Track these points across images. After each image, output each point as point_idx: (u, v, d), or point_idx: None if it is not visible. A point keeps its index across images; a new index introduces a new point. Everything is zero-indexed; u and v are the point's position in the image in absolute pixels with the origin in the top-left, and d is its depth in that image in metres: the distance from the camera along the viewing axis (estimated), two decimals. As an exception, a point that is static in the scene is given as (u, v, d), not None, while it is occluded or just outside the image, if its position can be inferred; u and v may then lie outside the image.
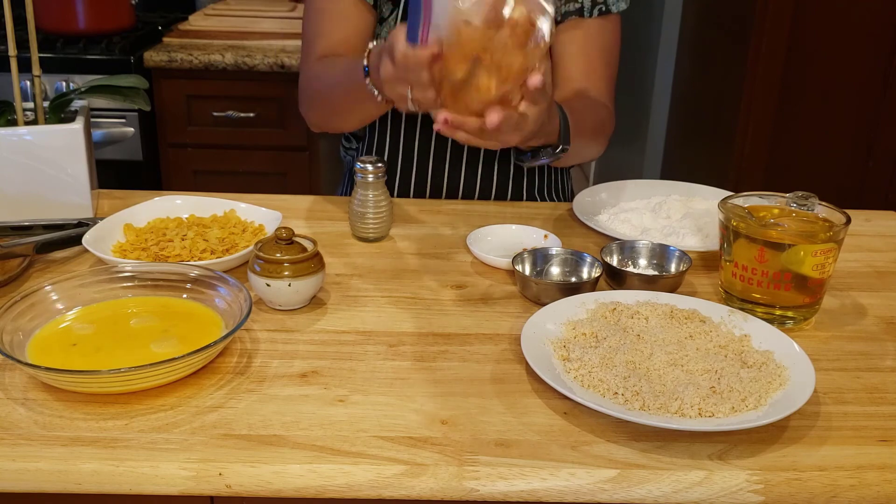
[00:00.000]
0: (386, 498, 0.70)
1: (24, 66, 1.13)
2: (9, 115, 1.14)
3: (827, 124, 2.25)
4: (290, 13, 2.39)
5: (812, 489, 0.70)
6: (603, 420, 0.76)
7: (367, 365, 0.84)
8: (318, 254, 0.94)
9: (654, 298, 0.94)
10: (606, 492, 0.70)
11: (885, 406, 0.81)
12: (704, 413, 0.76)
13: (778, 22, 2.14)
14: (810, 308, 0.95)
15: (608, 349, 0.84)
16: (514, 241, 1.12)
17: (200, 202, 1.15)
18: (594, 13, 1.26)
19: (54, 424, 0.74)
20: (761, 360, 0.83)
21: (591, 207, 1.24)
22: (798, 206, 0.96)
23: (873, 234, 1.23)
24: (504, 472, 0.70)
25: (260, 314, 0.93)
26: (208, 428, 0.74)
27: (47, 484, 0.69)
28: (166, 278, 0.92)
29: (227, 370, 0.82)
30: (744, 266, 0.94)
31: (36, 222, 1.08)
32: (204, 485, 0.69)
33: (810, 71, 2.19)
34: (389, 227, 1.15)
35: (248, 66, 2.16)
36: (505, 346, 0.89)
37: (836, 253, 0.92)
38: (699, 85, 2.69)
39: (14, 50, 1.11)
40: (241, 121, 2.24)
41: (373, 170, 1.10)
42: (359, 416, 0.76)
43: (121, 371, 0.74)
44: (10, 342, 0.79)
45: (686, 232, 1.14)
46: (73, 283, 0.89)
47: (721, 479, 0.70)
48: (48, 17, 2.19)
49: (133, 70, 2.13)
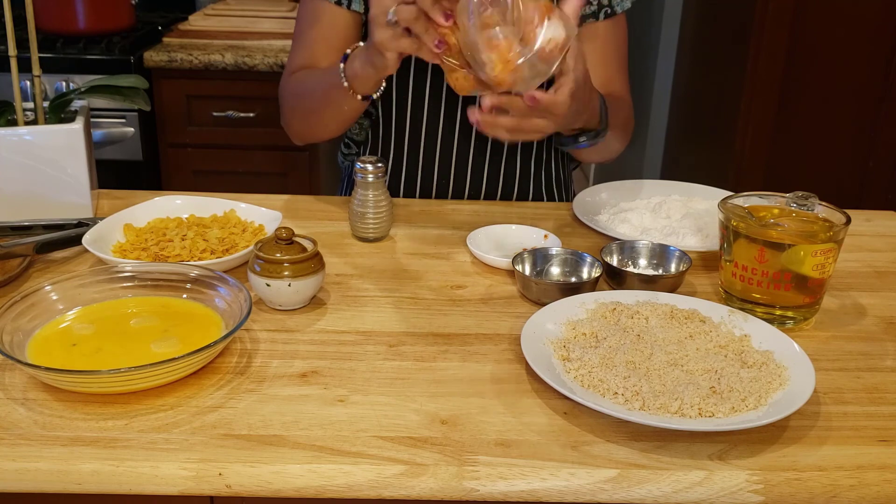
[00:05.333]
0: (386, 498, 0.70)
1: (24, 66, 1.13)
2: (9, 115, 1.14)
3: (827, 124, 2.25)
4: (290, 13, 2.39)
5: (812, 489, 0.70)
6: (603, 420, 0.76)
7: (367, 365, 0.84)
8: (318, 254, 0.94)
9: (654, 298, 0.94)
10: (606, 492, 0.70)
11: (885, 406, 0.81)
12: (704, 413, 0.75)
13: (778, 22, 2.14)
14: (810, 308, 0.95)
15: (608, 349, 0.84)
16: (514, 241, 1.12)
17: (200, 202, 1.15)
18: (601, 17, 1.27)
19: (54, 424, 0.74)
20: (761, 360, 0.83)
21: (591, 207, 1.24)
22: (798, 206, 0.96)
23: (873, 234, 1.23)
24: (504, 472, 0.70)
25: (260, 314, 0.93)
26: (208, 428, 0.74)
27: (47, 484, 0.69)
28: (166, 278, 0.92)
29: (227, 370, 0.82)
30: (744, 266, 0.94)
31: (36, 222, 1.08)
32: (204, 485, 0.69)
33: (810, 71, 2.19)
34: (389, 227, 1.15)
35: (248, 66, 2.16)
36: (505, 346, 0.89)
37: (836, 253, 0.92)
38: (699, 85, 2.69)
39: (14, 50, 1.11)
40: (241, 121, 2.24)
41: (373, 170, 1.10)
42: (359, 416, 0.76)
43: (121, 371, 0.74)
44: (10, 342, 0.79)
45: (686, 232, 1.14)
46: (73, 283, 0.89)
47: (721, 479, 0.70)
48: (48, 17, 2.18)
49: (133, 70, 2.13)
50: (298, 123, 1.26)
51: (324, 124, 1.23)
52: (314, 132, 1.27)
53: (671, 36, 2.86)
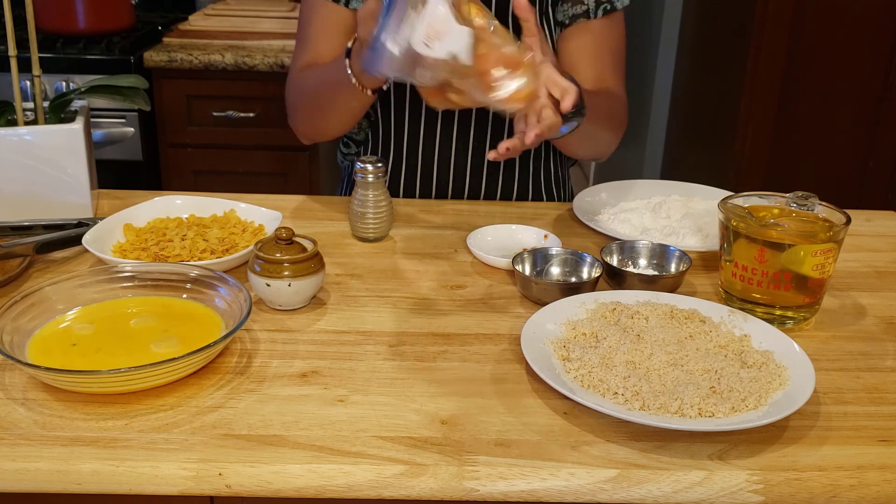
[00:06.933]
0: (386, 498, 0.70)
1: (24, 66, 1.13)
2: (9, 115, 1.14)
3: (827, 124, 2.25)
4: (290, 13, 2.39)
5: (812, 489, 0.70)
6: (603, 420, 0.76)
7: (367, 365, 0.84)
8: (318, 254, 0.94)
9: (654, 298, 0.94)
10: (606, 492, 0.70)
11: (885, 406, 0.81)
12: (704, 413, 0.75)
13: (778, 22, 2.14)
14: (810, 308, 0.95)
15: (608, 349, 0.84)
16: (514, 241, 1.12)
17: (200, 202, 1.15)
18: (599, 13, 1.26)
19: (54, 424, 0.74)
20: (761, 360, 0.83)
21: (591, 207, 1.24)
22: (798, 206, 0.96)
23: (873, 234, 1.23)
24: (504, 472, 0.70)
25: (260, 314, 0.93)
26: (208, 428, 0.74)
27: (47, 484, 0.69)
28: (166, 278, 0.92)
29: (227, 370, 0.82)
30: (744, 266, 0.94)
31: (36, 222, 1.08)
32: (204, 485, 0.69)
33: (810, 71, 2.19)
34: (389, 227, 1.15)
35: (248, 66, 2.16)
36: (505, 346, 0.89)
37: (836, 253, 0.92)
38: (699, 85, 2.69)
39: (14, 50, 1.11)
40: (241, 121, 2.24)
41: (373, 170, 1.10)
42: (359, 416, 0.76)
43: (121, 371, 0.74)
44: (10, 342, 0.79)
45: (686, 232, 1.14)
46: (73, 283, 0.89)
47: (721, 479, 0.70)
48: (48, 17, 2.18)
49: (133, 70, 2.13)
50: (306, 122, 1.26)
51: (333, 121, 1.23)
52: (323, 130, 1.27)
53: (671, 35, 2.86)
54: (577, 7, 1.26)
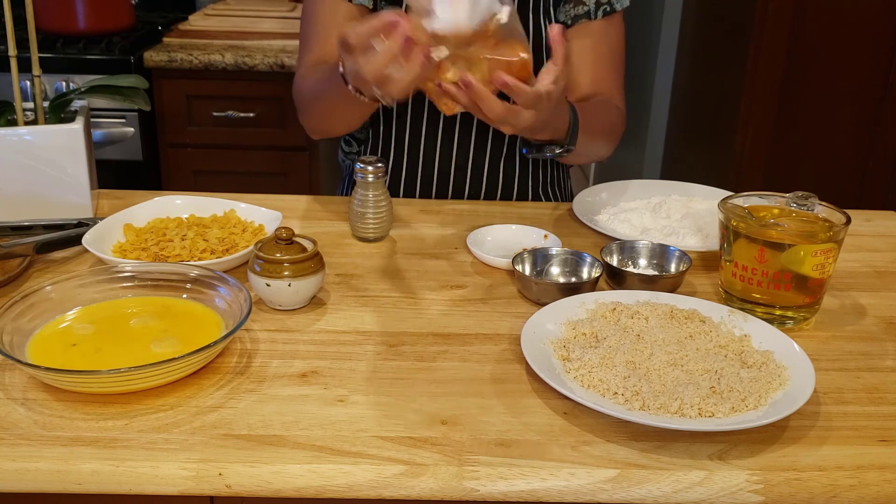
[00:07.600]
0: (386, 498, 0.70)
1: (24, 66, 1.13)
2: (9, 115, 1.14)
3: (827, 124, 2.25)
4: (290, 13, 2.39)
5: (812, 489, 0.70)
6: (603, 420, 0.76)
7: (367, 365, 0.84)
8: (318, 254, 0.94)
9: (654, 298, 0.94)
10: (606, 492, 0.70)
11: (885, 406, 0.81)
12: (704, 413, 0.75)
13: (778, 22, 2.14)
14: (810, 308, 0.95)
15: (608, 349, 0.84)
16: (514, 241, 1.12)
17: (200, 202, 1.15)
18: (599, 14, 1.27)
19: (54, 424, 0.74)
20: (761, 360, 0.83)
21: (591, 207, 1.24)
22: (798, 206, 0.96)
23: (873, 234, 1.23)
24: (504, 472, 0.70)
25: (260, 314, 0.93)
26: (208, 428, 0.74)
27: (47, 484, 0.69)
28: (166, 278, 0.92)
29: (227, 370, 0.82)
30: (744, 266, 0.94)
31: (36, 222, 1.08)
32: (204, 485, 0.69)
33: (810, 71, 2.19)
34: (389, 227, 1.15)
35: (248, 66, 2.16)
36: (505, 346, 0.89)
37: (836, 253, 0.92)
38: (699, 85, 2.69)
39: (14, 50, 1.11)
40: (241, 121, 2.24)
41: (373, 170, 1.10)
42: (359, 416, 0.76)
43: (121, 371, 0.74)
44: (10, 342, 0.79)
45: (686, 232, 1.14)
46: (73, 283, 0.89)
47: (721, 479, 0.70)
48: (48, 17, 2.18)
49: (133, 70, 2.13)
50: (315, 120, 1.27)
51: (340, 121, 1.24)
52: (331, 128, 1.28)
53: (671, 36, 2.86)
54: (578, 8, 1.26)
